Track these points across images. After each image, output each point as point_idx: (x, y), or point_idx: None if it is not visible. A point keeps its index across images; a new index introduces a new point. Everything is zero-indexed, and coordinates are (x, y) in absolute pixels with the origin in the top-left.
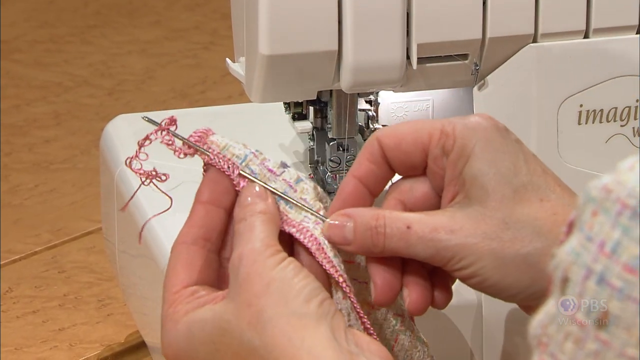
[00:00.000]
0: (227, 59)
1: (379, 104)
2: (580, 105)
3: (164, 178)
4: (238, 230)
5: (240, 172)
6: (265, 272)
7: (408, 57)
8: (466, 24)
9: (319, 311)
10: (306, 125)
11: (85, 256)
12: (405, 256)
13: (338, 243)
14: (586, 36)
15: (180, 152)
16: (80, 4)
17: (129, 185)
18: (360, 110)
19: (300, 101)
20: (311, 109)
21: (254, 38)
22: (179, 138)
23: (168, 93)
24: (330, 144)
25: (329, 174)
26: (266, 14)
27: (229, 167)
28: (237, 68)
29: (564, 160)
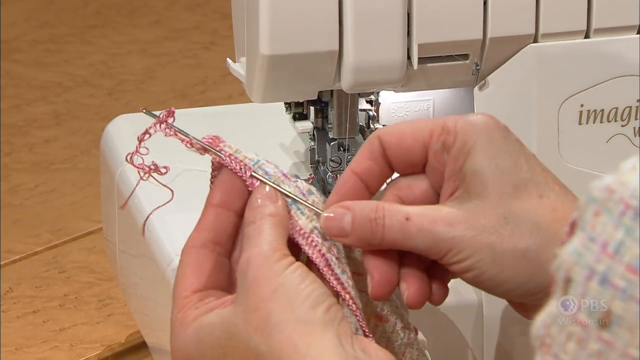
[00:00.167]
0: (228, 59)
1: (380, 104)
2: (581, 105)
3: (164, 171)
4: (247, 233)
5: (253, 173)
6: (273, 277)
7: (409, 57)
8: (467, 24)
9: (325, 317)
10: (307, 125)
11: (86, 256)
12: (403, 248)
13: (335, 235)
14: (587, 36)
15: (187, 142)
16: (80, 4)
17: (130, 185)
18: (361, 110)
19: (301, 101)
20: (312, 109)
21: (254, 38)
22: (177, 131)
23: (168, 93)
24: (331, 144)
25: (329, 174)
26: (267, 14)
27: (241, 169)
28: (238, 68)
29: (565, 160)
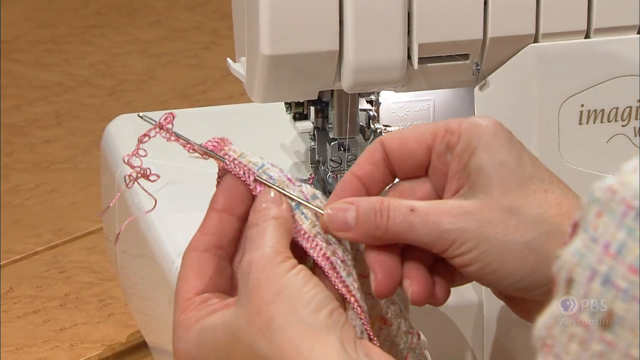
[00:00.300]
0: (228, 59)
1: (380, 104)
2: (581, 105)
3: (153, 179)
4: (250, 235)
5: (257, 178)
6: (275, 280)
7: (409, 57)
8: (467, 24)
9: (328, 321)
10: (307, 125)
11: (86, 256)
12: (407, 241)
13: (339, 229)
14: (587, 36)
15: (189, 148)
16: (80, 4)
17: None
18: (361, 110)
19: (301, 101)
20: (312, 109)
21: (255, 38)
22: (178, 136)
23: (169, 93)
24: (331, 144)
25: (330, 174)
26: (267, 14)
27: (244, 173)
28: (238, 68)
29: (565, 160)
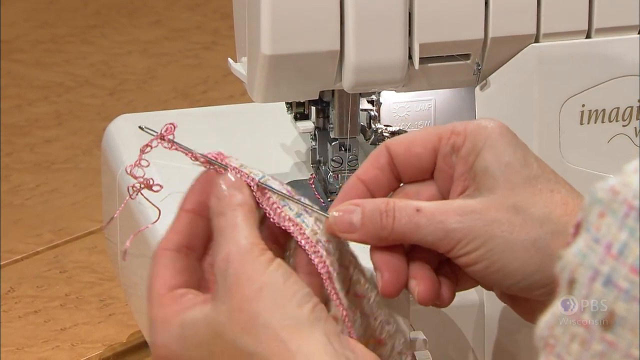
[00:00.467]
0: (229, 59)
1: (381, 103)
2: (582, 105)
3: (156, 189)
4: (218, 225)
5: (259, 183)
6: (256, 275)
7: (410, 57)
8: (468, 24)
9: (311, 316)
10: (308, 125)
11: (87, 256)
12: (412, 242)
13: (344, 231)
14: (588, 36)
15: (192, 156)
16: (80, 4)
17: None
18: (362, 110)
19: (302, 101)
20: (313, 108)
21: (256, 38)
22: (179, 146)
23: (169, 93)
24: (332, 144)
25: (330, 174)
26: (268, 14)
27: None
28: (239, 68)
29: (566, 160)
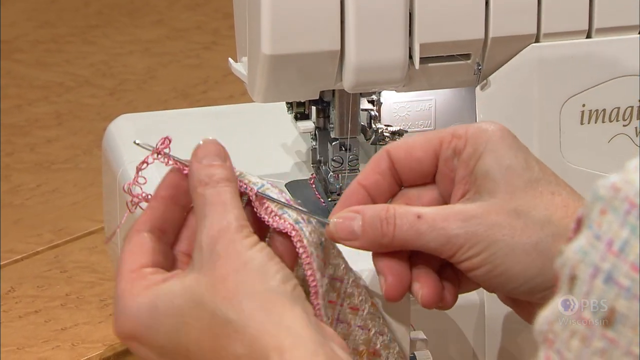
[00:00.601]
0: (230, 59)
1: (382, 103)
2: (583, 105)
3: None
4: (203, 195)
5: (258, 192)
6: (243, 251)
7: (410, 57)
8: (469, 23)
9: (293, 293)
10: (308, 125)
11: (87, 256)
12: (414, 248)
13: (345, 238)
14: (588, 36)
15: (184, 168)
16: (81, 3)
17: None
18: (363, 110)
19: (302, 101)
20: (313, 108)
21: (256, 38)
22: (175, 160)
23: (170, 93)
24: (333, 143)
25: (331, 173)
26: (269, 14)
27: (246, 188)
28: (240, 68)
29: (567, 160)
